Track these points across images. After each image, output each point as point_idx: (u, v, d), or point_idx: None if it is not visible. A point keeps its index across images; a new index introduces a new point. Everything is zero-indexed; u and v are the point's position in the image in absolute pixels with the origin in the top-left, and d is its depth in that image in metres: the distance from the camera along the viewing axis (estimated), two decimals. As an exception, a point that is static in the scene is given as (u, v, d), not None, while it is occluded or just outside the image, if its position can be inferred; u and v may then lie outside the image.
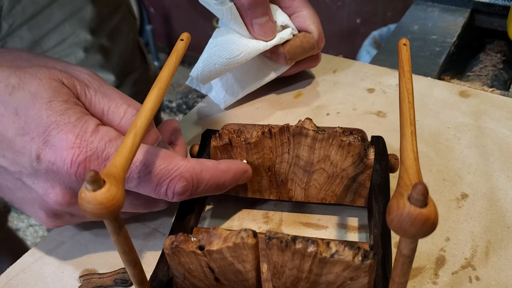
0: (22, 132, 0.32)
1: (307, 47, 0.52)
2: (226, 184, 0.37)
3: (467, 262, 0.38)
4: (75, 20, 0.66)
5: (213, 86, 0.56)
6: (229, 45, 0.50)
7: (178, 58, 0.33)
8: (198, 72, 0.50)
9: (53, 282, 0.38)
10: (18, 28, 0.61)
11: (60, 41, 0.65)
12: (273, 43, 0.50)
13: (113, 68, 0.71)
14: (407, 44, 0.33)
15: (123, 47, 0.74)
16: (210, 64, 0.50)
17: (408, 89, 0.29)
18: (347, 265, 0.27)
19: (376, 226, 0.36)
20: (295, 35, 0.52)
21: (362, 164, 0.39)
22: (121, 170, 0.25)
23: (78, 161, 0.31)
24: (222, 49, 0.50)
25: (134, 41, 0.77)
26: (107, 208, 0.23)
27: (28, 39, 0.63)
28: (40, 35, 0.64)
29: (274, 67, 0.55)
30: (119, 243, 0.26)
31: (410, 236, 0.22)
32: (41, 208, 0.36)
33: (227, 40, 0.50)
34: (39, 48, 0.64)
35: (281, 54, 0.52)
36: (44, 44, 0.64)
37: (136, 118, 0.29)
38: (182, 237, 0.29)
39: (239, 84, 0.55)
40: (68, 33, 0.65)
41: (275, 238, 0.27)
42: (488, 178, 0.44)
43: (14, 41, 0.62)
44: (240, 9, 0.48)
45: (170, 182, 0.33)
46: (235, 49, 0.49)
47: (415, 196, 0.21)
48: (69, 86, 0.35)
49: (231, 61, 0.49)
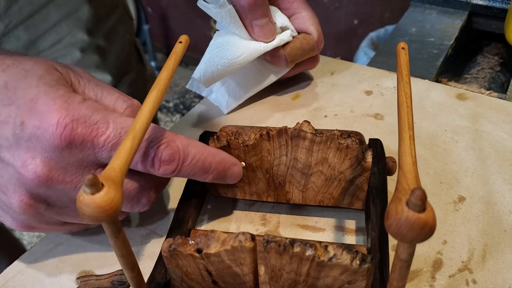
0: (9, 102, 0.32)
1: (307, 48, 0.52)
2: (213, 167, 0.36)
3: (464, 265, 0.38)
4: (71, 20, 0.65)
5: (214, 90, 0.56)
6: (230, 46, 0.50)
7: (177, 60, 0.33)
8: (201, 73, 0.50)
9: (50, 284, 0.38)
10: (14, 28, 0.61)
11: (56, 41, 0.65)
12: (273, 44, 0.51)
13: (109, 69, 0.71)
14: (406, 48, 0.33)
15: (119, 48, 0.73)
16: (213, 65, 0.50)
17: (407, 93, 0.30)
18: (345, 269, 0.27)
19: (374, 229, 0.36)
20: (295, 37, 0.52)
21: (359, 167, 0.39)
22: (120, 173, 0.25)
23: (65, 122, 0.31)
24: (224, 51, 0.50)
25: (131, 42, 0.77)
26: (106, 212, 0.23)
27: (24, 39, 0.63)
28: (36, 35, 0.64)
29: (274, 70, 0.55)
30: (117, 246, 0.26)
31: (408, 241, 0.22)
32: (15, 192, 0.33)
33: (228, 42, 0.50)
34: (35, 48, 0.64)
35: (282, 56, 0.52)
36: (40, 44, 0.64)
37: (135, 120, 0.29)
38: (180, 240, 0.29)
39: (241, 88, 0.55)
40: (64, 33, 0.65)
41: (273, 242, 0.27)
42: (485, 181, 0.45)
43: (10, 41, 0.62)
44: (239, 11, 0.48)
45: (158, 149, 0.33)
46: (236, 50, 0.49)
47: (413, 201, 0.22)
48: (62, 72, 0.35)
49: (232, 62, 0.49)
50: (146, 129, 0.29)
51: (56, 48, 0.65)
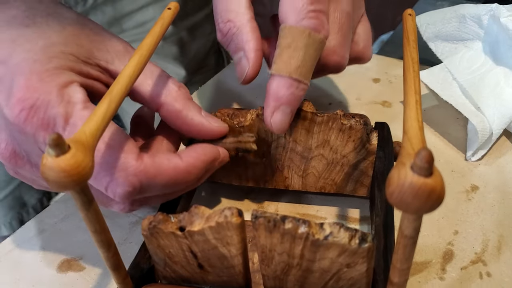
0: (4, 59, 0.30)
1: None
2: (189, 185, 0.32)
3: (478, 257, 0.35)
4: (158, 7, 0.64)
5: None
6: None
7: (164, 27, 0.31)
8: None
9: (30, 271, 0.36)
10: (103, 4, 0.60)
11: (140, 24, 0.64)
12: None
13: (186, 63, 0.69)
14: (413, 15, 0.31)
15: (201, 45, 0.71)
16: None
17: (414, 58, 0.27)
18: (342, 249, 0.24)
19: (378, 215, 0.33)
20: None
21: (364, 150, 0.36)
22: (91, 137, 0.23)
23: (23, 106, 0.28)
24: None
25: (215, 42, 0.74)
26: (71, 177, 0.21)
27: (110, 15, 0.61)
28: (122, 14, 0.62)
29: None
30: (89, 219, 0.23)
31: (413, 211, 0.20)
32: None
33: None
34: (118, 26, 0.63)
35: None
36: (124, 23, 0.63)
37: (113, 84, 0.26)
38: (160, 217, 0.26)
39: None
40: (149, 17, 0.64)
41: (262, 217, 0.24)
42: (500, 169, 0.41)
43: (96, 15, 0.61)
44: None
45: (111, 182, 0.28)
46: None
47: (418, 163, 0.19)
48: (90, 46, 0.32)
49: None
50: (125, 94, 0.26)
51: (138, 31, 0.64)
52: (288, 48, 0.32)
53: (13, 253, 0.37)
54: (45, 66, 0.29)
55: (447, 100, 0.45)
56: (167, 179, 0.30)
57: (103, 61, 0.32)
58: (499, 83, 0.46)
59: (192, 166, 0.31)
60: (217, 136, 0.35)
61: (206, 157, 0.32)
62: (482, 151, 0.43)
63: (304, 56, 0.32)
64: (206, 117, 0.34)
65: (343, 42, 0.36)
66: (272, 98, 0.32)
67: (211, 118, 0.34)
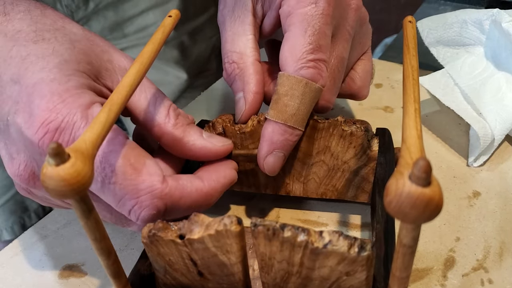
0: (17, 78, 0.29)
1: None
2: (209, 204, 0.32)
3: (479, 264, 0.34)
4: (159, 11, 0.64)
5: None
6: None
7: (165, 34, 0.31)
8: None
9: (32, 277, 0.36)
10: (104, 8, 0.61)
11: (141, 29, 0.64)
12: None
13: (187, 67, 0.69)
14: (413, 22, 0.31)
15: (202, 49, 0.71)
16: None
17: (413, 66, 0.27)
18: (342, 257, 0.24)
19: (379, 222, 0.33)
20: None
21: (365, 156, 0.36)
22: (91, 146, 0.23)
23: (48, 128, 0.27)
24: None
25: (216, 46, 0.74)
26: (71, 186, 0.21)
27: (112, 20, 0.62)
28: (123, 19, 0.63)
29: None
30: (89, 228, 0.24)
31: (411, 220, 0.20)
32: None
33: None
34: (120, 30, 0.63)
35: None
36: (126, 28, 0.63)
37: (113, 93, 0.26)
38: (160, 225, 0.26)
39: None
40: (150, 22, 0.64)
41: (261, 226, 0.24)
42: (502, 175, 0.41)
43: (98, 20, 0.61)
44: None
45: (136, 205, 0.28)
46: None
47: (416, 173, 0.19)
48: (100, 63, 0.32)
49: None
50: (125, 102, 0.26)
51: (139, 35, 0.64)
52: (285, 96, 0.33)
53: (16, 258, 0.37)
54: (64, 85, 0.29)
55: (449, 105, 0.45)
56: (190, 202, 0.30)
57: (109, 81, 0.32)
58: (500, 89, 0.46)
59: (214, 190, 0.32)
60: (222, 156, 0.34)
61: (225, 180, 0.33)
62: (484, 157, 0.43)
63: (300, 105, 0.33)
64: (208, 139, 0.33)
65: (331, 88, 0.37)
66: (266, 142, 0.34)
67: (214, 139, 0.34)
